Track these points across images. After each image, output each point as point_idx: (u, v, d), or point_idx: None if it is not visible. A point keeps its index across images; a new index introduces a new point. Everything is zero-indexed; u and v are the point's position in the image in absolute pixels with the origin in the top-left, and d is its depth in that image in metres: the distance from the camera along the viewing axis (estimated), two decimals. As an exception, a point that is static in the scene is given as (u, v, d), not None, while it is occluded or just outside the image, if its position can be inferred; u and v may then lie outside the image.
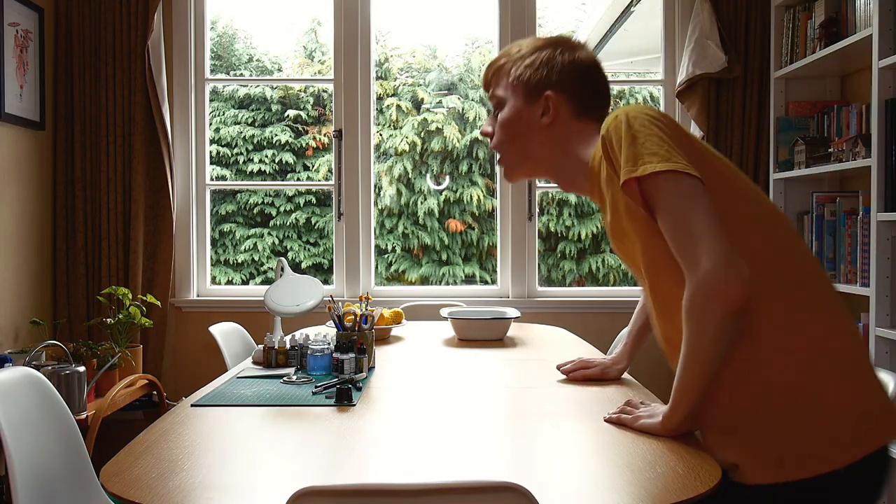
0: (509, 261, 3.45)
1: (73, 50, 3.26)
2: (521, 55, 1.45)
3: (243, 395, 1.55)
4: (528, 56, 1.44)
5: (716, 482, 1.05)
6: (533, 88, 1.42)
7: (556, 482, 1.09)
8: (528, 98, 1.42)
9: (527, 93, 1.42)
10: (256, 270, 6.16)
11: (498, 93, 1.47)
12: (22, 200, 3.09)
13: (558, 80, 1.41)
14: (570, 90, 1.41)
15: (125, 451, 1.18)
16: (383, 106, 6.25)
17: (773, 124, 3.11)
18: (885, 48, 2.38)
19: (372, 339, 1.84)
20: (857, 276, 2.59)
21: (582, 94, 1.42)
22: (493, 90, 1.48)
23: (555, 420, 1.41)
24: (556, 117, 1.41)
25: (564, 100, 1.41)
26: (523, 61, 1.44)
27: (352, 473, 1.14)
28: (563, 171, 1.45)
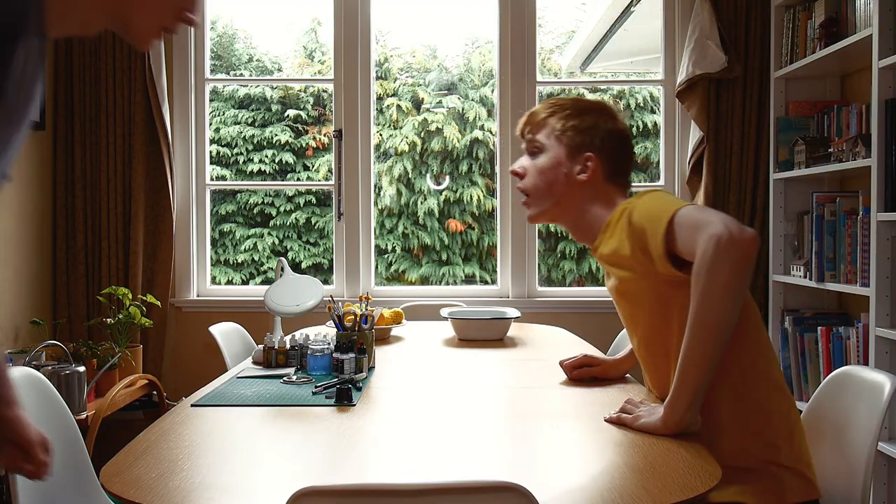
0: (509, 261, 3.45)
1: (73, 50, 3.26)
2: (567, 113, 1.58)
3: (243, 395, 1.55)
4: (574, 116, 1.58)
5: (716, 482, 1.05)
6: (576, 147, 1.56)
7: (556, 482, 1.09)
8: (570, 153, 1.56)
9: (570, 148, 1.56)
10: (256, 270, 6.17)
11: (539, 138, 1.59)
12: (22, 200, 3.09)
13: (600, 144, 1.56)
14: (607, 156, 1.57)
15: (125, 451, 1.18)
16: (383, 106, 6.25)
17: (773, 124, 3.11)
18: (885, 48, 2.38)
19: (372, 339, 1.84)
20: (857, 276, 2.59)
21: (615, 162, 1.58)
22: (533, 135, 1.61)
23: (555, 420, 1.41)
24: (592, 177, 1.55)
25: (601, 163, 1.56)
26: (570, 120, 1.57)
27: (352, 473, 1.14)
28: (582, 224, 1.60)
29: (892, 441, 2.37)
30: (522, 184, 1.61)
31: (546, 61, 6.43)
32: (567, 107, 1.59)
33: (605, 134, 1.57)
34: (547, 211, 1.61)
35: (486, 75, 6.36)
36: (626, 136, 1.61)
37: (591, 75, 5.96)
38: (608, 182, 1.57)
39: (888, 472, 2.43)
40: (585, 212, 1.57)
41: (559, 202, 1.58)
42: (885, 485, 2.44)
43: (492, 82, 6.07)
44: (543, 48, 6.38)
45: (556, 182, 1.56)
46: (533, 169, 1.59)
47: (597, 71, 5.87)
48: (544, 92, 6.25)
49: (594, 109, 1.60)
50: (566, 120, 1.57)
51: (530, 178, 1.59)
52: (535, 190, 1.59)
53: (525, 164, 1.61)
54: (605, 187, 1.56)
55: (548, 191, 1.57)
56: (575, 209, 1.58)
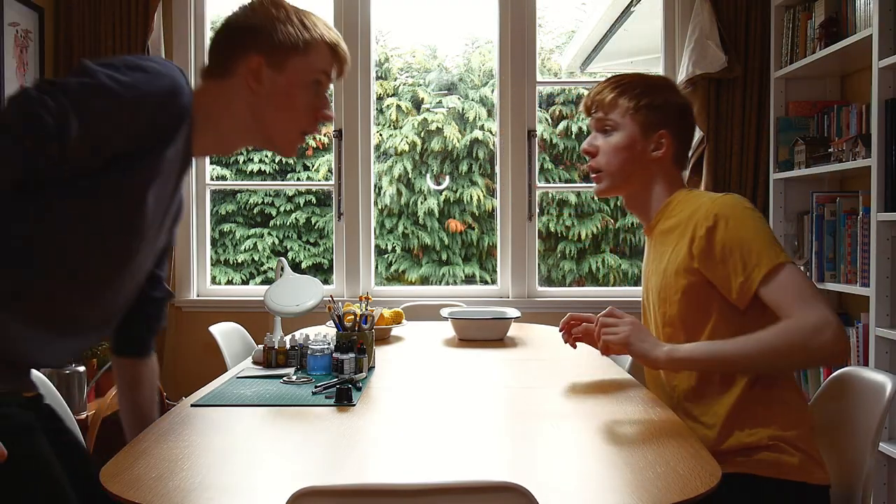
0: (509, 261, 3.45)
1: (73, 50, 3.26)
2: (637, 91, 1.58)
3: (243, 395, 1.55)
4: (646, 94, 1.58)
5: (716, 482, 1.05)
6: (650, 124, 1.57)
7: (556, 482, 1.09)
8: (644, 131, 1.57)
9: (644, 126, 1.57)
10: (256, 270, 6.17)
11: (612, 117, 1.59)
12: (22, 200, 3.09)
13: (672, 121, 1.58)
14: (678, 132, 1.59)
15: (125, 451, 1.18)
16: (383, 106, 6.25)
17: (773, 124, 3.10)
18: (885, 48, 2.37)
19: (372, 339, 1.84)
20: (857, 276, 2.59)
21: (685, 138, 1.62)
22: (604, 113, 1.60)
23: (555, 420, 1.41)
24: (664, 155, 1.57)
25: (673, 141, 1.58)
26: (642, 98, 1.57)
27: (352, 473, 1.14)
28: (642, 199, 1.62)
29: (892, 441, 2.37)
30: (595, 162, 1.61)
31: (546, 61, 6.43)
32: (636, 84, 1.59)
33: (677, 110, 1.59)
34: (617, 187, 1.62)
35: (486, 75, 6.36)
36: (692, 112, 1.64)
37: (591, 75, 5.96)
38: (674, 162, 1.60)
39: (888, 472, 2.43)
40: (650, 189, 1.60)
41: (630, 179, 1.60)
42: (885, 485, 2.44)
43: (492, 82, 6.07)
44: (543, 48, 6.39)
45: (630, 160, 1.57)
46: (607, 147, 1.59)
47: (597, 71, 5.88)
48: (544, 92, 6.27)
49: (663, 86, 1.62)
50: (638, 98, 1.57)
51: (604, 156, 1.60)
52: (610, 167, 1.59)
53: (597, 143, 1.61)
54: (670, 166, 1.59)
55: (621, 169, 1.58)
56: (641, 185, 1.60)
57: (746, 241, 1.39)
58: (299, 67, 1.34)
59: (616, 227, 6.27)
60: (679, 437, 1.25)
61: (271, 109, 1.34)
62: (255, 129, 1.36)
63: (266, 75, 1.32)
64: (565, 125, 6.27)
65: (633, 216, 6.26)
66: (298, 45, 1.33)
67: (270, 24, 1.32)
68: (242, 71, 1.32)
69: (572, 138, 6.27)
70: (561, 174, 6.31)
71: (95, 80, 1.12)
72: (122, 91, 1.14)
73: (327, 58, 1.38)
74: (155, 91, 1.18)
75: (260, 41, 1.31)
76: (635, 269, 6.23)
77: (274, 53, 1.32)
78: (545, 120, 6.25)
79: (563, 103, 6.32)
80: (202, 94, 1.33)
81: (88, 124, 1.11)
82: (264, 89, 1.32)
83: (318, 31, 1.36)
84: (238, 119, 1.34)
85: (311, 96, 1.37)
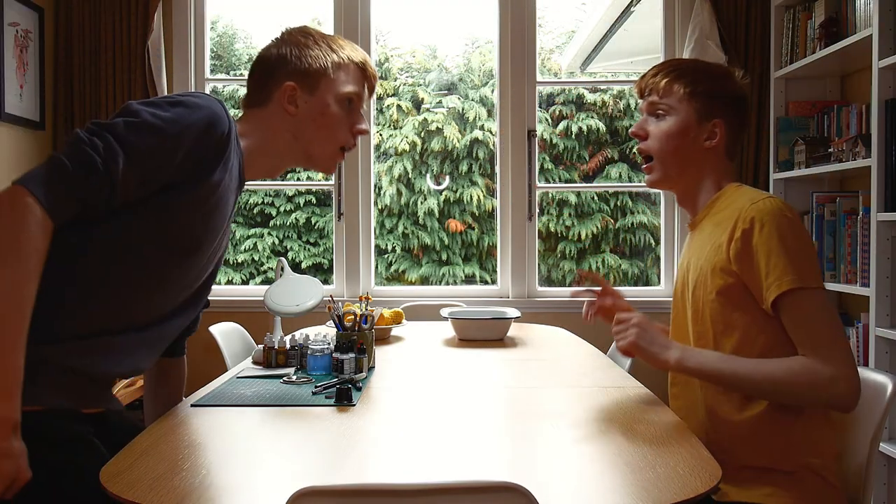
0: (509, 261, 3.45)
1: (73, 50, 3.26)
2: (692, 78, 1.52)
3: (243, 395, 1.55)
4: (701, 80, 1.52)
5: (716, 482, 1.05)
6: (705, 112, 1.51)
7: (556, 482, 1.09)
8: (699, 118, 1.51)
9: (699, 114, 1.51)
10: (256, 270, 6.17)
11: (667, 101, 1.52)
12: (22, 200, 3.09)
13: (727, 111, 1.52)
14: (732, 124, 1.53)
15: (125, 451, 1.18)
16: (383, 106, 6.25)
17: (773, 124, 3.11)
18: (885, 48, 2.38)
19: (372, 339, 1.84)
20: (857, 276, 2.59)
21: (740, 129, 1.56)
22: (658, 97, 1.54)
23: (555, 420, 1.41)
24: (719, 144, 1.52)
25: (727, 132, 1.52)
26: (698, 84, 1.51)
27: (352, 473, 1.14)
28: (692, 193, 1.56)
29: (892, 441, 2.37)
30: (646, 145, 1.55)
31: (546, 61, 6.43)
32: (694, 70, 1.54)
33: (733, 99, 1.53)
34: (670, 177, 1.55)
35: (486, 75, 6.36)
36: (748, 102, 1.58)
37: (591, 75, 5.96)
38: (726, 152, 1.54)
39: (888, 472, 2.43)
40: (701, 181, 1.54)
41: (683, 169, 1.53)
42: (885, 485, 2.44)
43: (492, 82, 6.07)
44: (543, 48, 6.39)
45: (682, 147, 1.51)
46: (659, 132, 1.53)
47: (597, 71, 5.88)
48: (544, 92, 6.27)
49: (721, 74, 1.55)
50: (695, 84, 1.51)
51: (655, 140, 1.53)
52: (661, 153, 1.53)
53: (648, 127, 1.55)
54: (722, 157, 1.53)
55: (673, 156, 1.52)
56: (692, 177, 1.54)
57: (775, 252, 1.34)
58: (330, 88, 1.47)
59: (616, 227, 6.27)
60: (679, 437, 1.25)
61: (310, 129, 1.47)
62: (297, 149, 1.49)
63: (301, 99, 1.45)
64: (565, 125, 6.27)
65: (640, 216, 6.20)
66: (327, 68, 1.46)
67: (299, 51, 1.46)
68: (278, 97, 1.45)
69: (572, 138, 6.27)
70: (561, 174, 6.31)
71: (140, 119, 1.23)
72: (164, 126, 1.24)
73: (356, 77, 1.51)
74: (195, 122, 1.27)
75: (291, 68, 1.45)
76: (635, 269, 6.23)
77: (305, 78, 1.45)
78: (545, 120, 6.25)
79: (563, 103, 6.32)
80: (247, 122, 1.47)
81: (135, 160, 1.21)
82: (301, 112, 1.46)
83: (345, 52, 1.49)
84: (281, 142, 1.48)
85: (344, 114, 1.49)
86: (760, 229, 1.35)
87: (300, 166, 1.59)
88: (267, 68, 1.47)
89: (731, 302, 1.41)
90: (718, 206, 1.50)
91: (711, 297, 1.43)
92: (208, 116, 1.29)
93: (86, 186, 1.17)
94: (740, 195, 1.46)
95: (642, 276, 6.25)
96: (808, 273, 1.33)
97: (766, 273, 1.34)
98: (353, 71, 1.50)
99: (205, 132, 1.28)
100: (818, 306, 1.33)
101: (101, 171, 1.17)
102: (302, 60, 1.45)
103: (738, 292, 1.40)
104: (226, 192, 1.38)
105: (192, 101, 1.29)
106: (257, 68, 1.49)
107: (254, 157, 1.47)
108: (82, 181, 1.16)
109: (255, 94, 1.48)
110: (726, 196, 1.50)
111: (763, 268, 1.35)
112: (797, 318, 1.33)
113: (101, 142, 1.18)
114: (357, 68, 1.50)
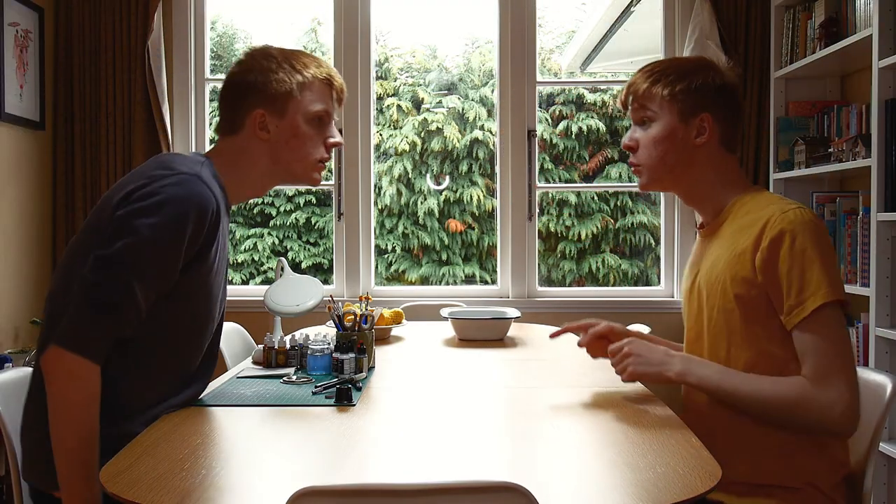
0: (509, 261, 3.45)
1: (73, 50, 3.26)
2: (672, 77, 1.48)
3: (243, 395, 1.55)
4: (681, 78, 1.48)
5: (716, 482, 1.05)
6: (689, 109, 1.47)
7: (556, 482, 1.09)
8: (684, 118, 1.47)
9: (683, 113, 1.47)
10: (256, 270, 6.17)
11: (650, 107, 1.49)
12: (22, 200, 3.09)
13: (713, 103, 1.47)
14: (722, 114, 1.48)
15: (125, 451, 1.18)
16: (383, 106, 6.25)
17: (773, 124, 3.11)
18: (885, 48, 2.38)
19: (372, 339, 1.84)
20: (857, 276, 2.59)
21: (731, 120, 1.50)
22: (640, 104, 1.51)
23: (555, 420, 1.41)
24: (710, 139, 1.47)
25: (716, 124, 1.48)
26: (678, 83, 1.47)
27: (352, 473, 1.14)
28: (697, 194, 1.53)
29: (892, 441, 2.37)
30: (636, 158, 1.53)
31: (546, 61, 6.43)
32: (670, 69, 1.49)
33: (717, 90, 1.47)
34: (661, 179, 1.52)
35: (486, 75, 6.36)
36: (737, 90, 1.52)
37: (591, 75, 5.96)
38: (722, 146, 1.49)
39: (888, 472, 2.43)
40: (704, 179, 1.50)
41: (674, 171, 1.50)
42: (885, 485, 2.44)
43: (492, 82, 6.07)
44: (543, 48, 6.39)
45: (671, 150, 1.47)
46: (646, 140, 1.50)
47: (597, 71, 5.88)
48: (544, 92, 6.27)
49: (699, 67, 1.49)
50: (673, 84, 1.47)
51: (644, 150, 1.50)
52: (649, 160, 1.50)
53: (637, 136, 1.52)
54: (720, 153, 1.49)
55: (662, 160, 1.49)
56: (689, 177, 1.50)
57: (808, 264, 1.30)
58: (299, 109, 1.49)
59: (616, 227, 6.27)
60: (679, 437, 1.25)
61: (286, 151, 1.50)
62: (277, 170, 1.53)
63: (272, 124, 1.48)
64: (565, 125, 6.27)
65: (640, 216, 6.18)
66: (294, 90, 1.48)
67: (264, 76, 1.48)
68: (250, 125, 1.49)
69: (572, 138, 6.27)
70: (561, 174, 6.31)
71: (138, 238, 1.29)
72: (162, 236, 1.30)
73: (323, 93, 1.53)
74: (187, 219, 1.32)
75: (258, 95, 1.47)
76: (635, 269, 6.23)
77: (273, 103, 1.48)
78: (545, 120, 6.25)
79: (563, 103, 6.32)
80: (223, 154, 1.51)
81: (147, 279, 1.30)
82: (273, 136, 1.49)
83: (310, 71, 1.51)
84: (260, 165, 1.51)
85: (316, 131, 1.52)
86: (792, 241, 1.31)
87: (286, 184, 1.63)
88: (235, 97, 1.50)
89: (750, 313, 1.38)
90: (740, 212, 1.45)
91: (731, 307, 1.39)
92: (197, 206, 1.33)
93: (114, 326, 1.28)
94: (767, 202, 1.41)
95: (642, 276, 6.25)
96: (835, 286, 1.30)
97: (798, 287, 1.31)
98: (320, 88, 1.52)
99: (197, 223, 1.34)
100: (833, 323, 1.30)
101: (123, 305, 1.28)
102: (268, 86, 1.47)
103: (758, 304, 1.36)
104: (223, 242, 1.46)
105: (177, 195, 1.32)
106: (226, 96, 1.52)
107: (237, 188, 1.51)
108: (109, 322, 1.28)
109: (226, 122, 1.52)
110: (749, 202, 1.45)
111: (795, 281, 1.31)
112: (811, 332, 1.31)
113: (110, 279, 1.27)
114: (323, 84, 1.52)
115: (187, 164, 1.40)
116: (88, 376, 1.27)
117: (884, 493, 2.45)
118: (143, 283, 1.29)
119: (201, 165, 1.43)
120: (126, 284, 1.28)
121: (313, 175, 1.56)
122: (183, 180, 1.35)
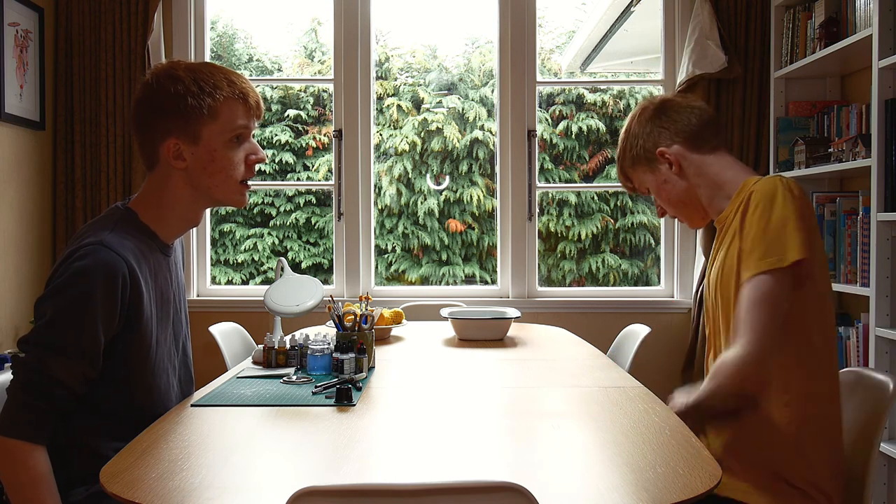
0: (509, 261, 3.45)
1: (73, 50, 3.26)
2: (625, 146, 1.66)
3: (243, 395, 1.55)
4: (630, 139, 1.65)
5: (716, 482, 1.05)
6: (650, 157, 1.62)
7: (556, 482, 1.09)
8: (652, 167, 1.62)
9: (649, 163, 1.62)
10: (256, 270, 6.16)
11: (635, 181, 1.68)
12: (22, 200, 3.09)
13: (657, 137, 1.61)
14: (667, 136, 1.60)
15: (125, 451, 1.18)
16: (383, 106, 6.25)
17: (773, 124, 3.11)
18: (885, 48, 2.38)
19: (372, 339, 1.84)
20: (857, 276, 2.59)
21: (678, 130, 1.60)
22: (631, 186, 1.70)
23: (555, 420, 1.41)
24: (680, 160, 1.59)
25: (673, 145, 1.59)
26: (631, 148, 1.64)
27: (352, 473, 1.14)
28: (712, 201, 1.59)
29: (892, 441, 2.37)
30: (672, 216, 1.68)
31: (546, 61, 6.43)
32: (623, 145, 1.66)
33: (649, 127, 1.61)
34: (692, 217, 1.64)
35: (486, 75, 6.36)
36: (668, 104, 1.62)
37: (591, 75, 5.96)
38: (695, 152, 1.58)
39: (888, 472, 2.43)
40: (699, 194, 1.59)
41: (691, 204, 1.61)
42: (885, 485, 2.44)
43: (492, 82, 6.07)
44: (543, 48, 6.39)
45: (674, 195, 1.61)
46: (660, 201, 1.65)
47: (597, 71, 5.88)
48: (544, 92, 6.27)
49: (634, 118, 1.65)
50: (628, 150, 1.64)
51: (669, 209, 1.66)
52: (679, 212, 1.64)
53: (659, 205, 1.68)
54: (699, 160, 1.58)
55: (679, 207, 1.63)
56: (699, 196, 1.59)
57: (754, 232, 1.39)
58: (213, 132, 1.42)
59: (616, 227, 6.27)
60: (679, 437, 1.25)
61: (204, 177, 1.44)
62: (200, 197, 1.47)
63: (186, 151, 1.41)
64: (565, 125, 6.27)
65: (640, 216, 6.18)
66: (205, 114, 1.40)
67: (172, 104, 1.39)
68: (164, 156, 1.42)
69: (572, 138, 6.27)
70: (561, 174, 6.31)
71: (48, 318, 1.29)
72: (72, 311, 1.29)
73: (237, 110, 1.44)
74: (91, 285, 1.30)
75: (169, 125, 1.40)
76: (635, 269, 6.23)
77: (185, 130, 1.40)
78: (545, 120, 6.25)
79: (563, 103, 6.31)
80: (145, 193, 1.47)
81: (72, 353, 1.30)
82: (190, 164, 1.42)
83: (220, 91, 1.41)
84: (183, 195, 1.45)
85: (234, 151, 1.45)
86: (754, 209, 1.40)
87: (212, 207, 1.58)
88: (145, 129, 1.43)
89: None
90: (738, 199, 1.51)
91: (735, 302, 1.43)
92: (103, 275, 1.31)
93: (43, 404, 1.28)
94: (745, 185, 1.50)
95: (642, 276, 6.25)
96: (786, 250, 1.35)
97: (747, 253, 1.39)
98: (233, 106, 1.42)
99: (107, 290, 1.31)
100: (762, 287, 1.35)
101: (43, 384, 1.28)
102: (177, 114, 1.39)
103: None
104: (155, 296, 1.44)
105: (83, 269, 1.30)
106: (136, 128, 1.45)
107: (170, 226, 1.48)
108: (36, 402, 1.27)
109: (143, 157, 1.47)
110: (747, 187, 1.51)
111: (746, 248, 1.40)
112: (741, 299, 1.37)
113: (29, 360, 1.28)
114: (236, 102, 1.43)
115: (93, 231, 1.36)
116: (30, 457, 1.26)
117: (884, 493, 2.45)
118: (64, 358, 1.29)
119: (114, 224, 1.39)
120: (43, 364, 1.28)
121: (236, 198, 1.49)
122: (87, 252, 1.31)
